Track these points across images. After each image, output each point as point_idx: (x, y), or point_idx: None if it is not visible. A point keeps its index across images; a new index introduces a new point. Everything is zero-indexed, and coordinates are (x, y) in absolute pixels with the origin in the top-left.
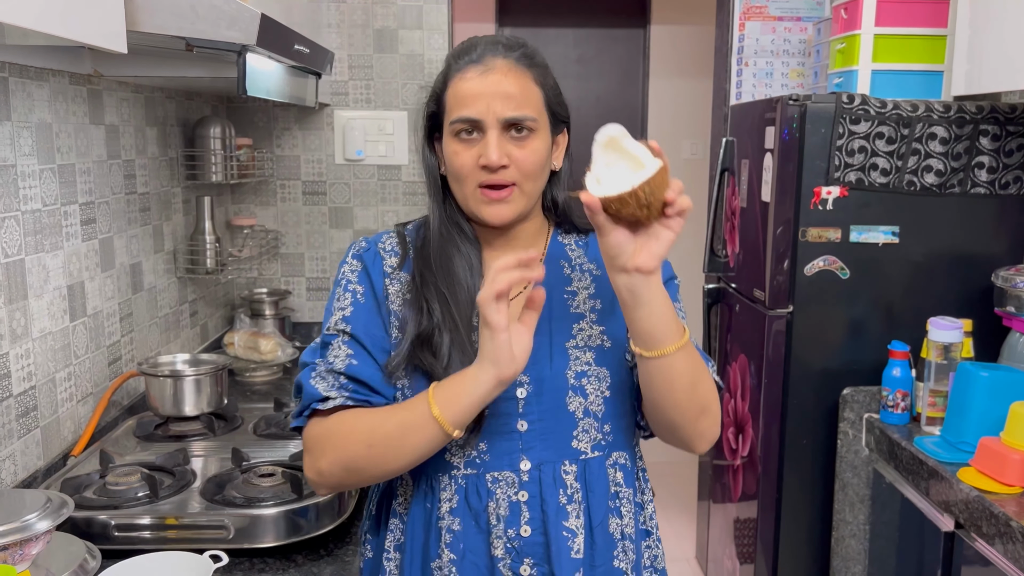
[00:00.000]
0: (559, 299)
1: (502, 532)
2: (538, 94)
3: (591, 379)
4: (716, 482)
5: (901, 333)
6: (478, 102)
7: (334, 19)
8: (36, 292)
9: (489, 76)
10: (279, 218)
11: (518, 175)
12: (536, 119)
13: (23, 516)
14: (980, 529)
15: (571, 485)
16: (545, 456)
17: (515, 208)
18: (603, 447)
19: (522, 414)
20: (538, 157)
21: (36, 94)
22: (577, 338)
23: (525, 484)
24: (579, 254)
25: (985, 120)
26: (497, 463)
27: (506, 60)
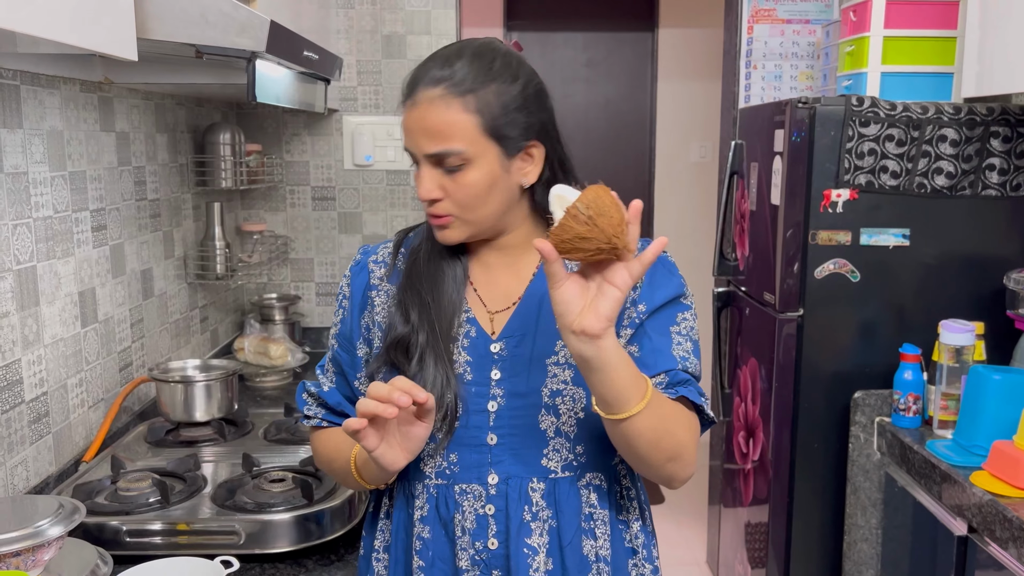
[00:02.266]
0: (546, 311)
1: (468, 544)
2: (469, 122)
3: (565, 399)
4: (727, 486)
5: (912, 336)
6: (408, 136)
7: (343, 25)
8: (48, 299)
9: (414, 111)
10: (289, 223)
11: (453, 207)
12: (464, 151)
13: (35, 522)
14: (993, 533)
15: (537, 503)
16: (513, 471)
17: (461, 234)
18: (575, 467)
19: (492, 427)
20: (473, 189)
21: (47, 102)
22: (559, 354)
23: (492, 498)
24: None
25: (996, 122)
26: (465, 475)
27: (431, 91)
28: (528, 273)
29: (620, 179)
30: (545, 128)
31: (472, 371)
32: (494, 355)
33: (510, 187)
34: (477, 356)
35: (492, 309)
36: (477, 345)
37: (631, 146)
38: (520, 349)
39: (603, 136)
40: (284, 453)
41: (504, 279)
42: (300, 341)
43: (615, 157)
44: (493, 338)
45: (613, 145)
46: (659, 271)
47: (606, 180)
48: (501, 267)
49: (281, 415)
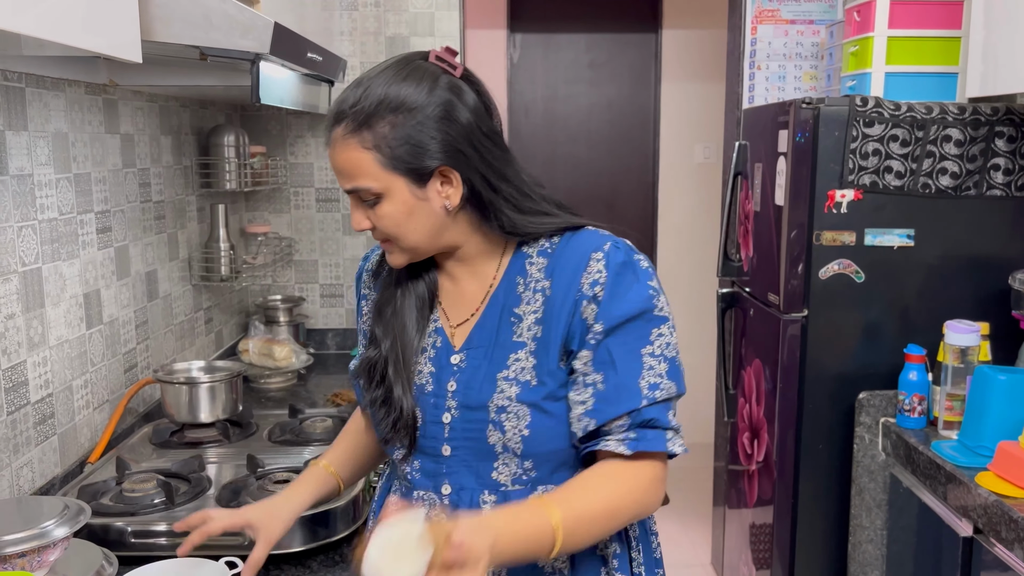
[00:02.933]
0: (505, 323)
1: None
2: (368, 159)
3: (510, 416)
4: (731, 487)
5: (917, 337)
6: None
7: (346, 27)
8: (53, 300)
9: (329, 149)
10: (293, 225)
11: (389, 236)
12: (371, 187)
13: (41, 523)
14: (999, 534)
15: None
16: (465, 483)
17: (402, 258)
18: (525, 482)
19: (447, 439)
20: (390, 220)
21: (52, 104)
22: (511, 369)
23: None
24: (540, 266)
25: (1001, 122)
26: (423, 482)
27: (336, 130)
28: (489, 277)
29: (624, 180)
30: (456, 148)
31: (432, 382)
32: (453, 367)
33: (432, 212)
34: (439, 367)
35: (456, 320)
36: (440, 356)
37: (635, 147)
38: (477, 362)
39: (607, 137)
40: (288, 454)
41: (469, 287)
42: (304, 343)
43: (619, 158)
44: (455, 349)
45: (617, 146)
46: (624, 279)
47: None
48: (465, 276)
49: (285, 416)
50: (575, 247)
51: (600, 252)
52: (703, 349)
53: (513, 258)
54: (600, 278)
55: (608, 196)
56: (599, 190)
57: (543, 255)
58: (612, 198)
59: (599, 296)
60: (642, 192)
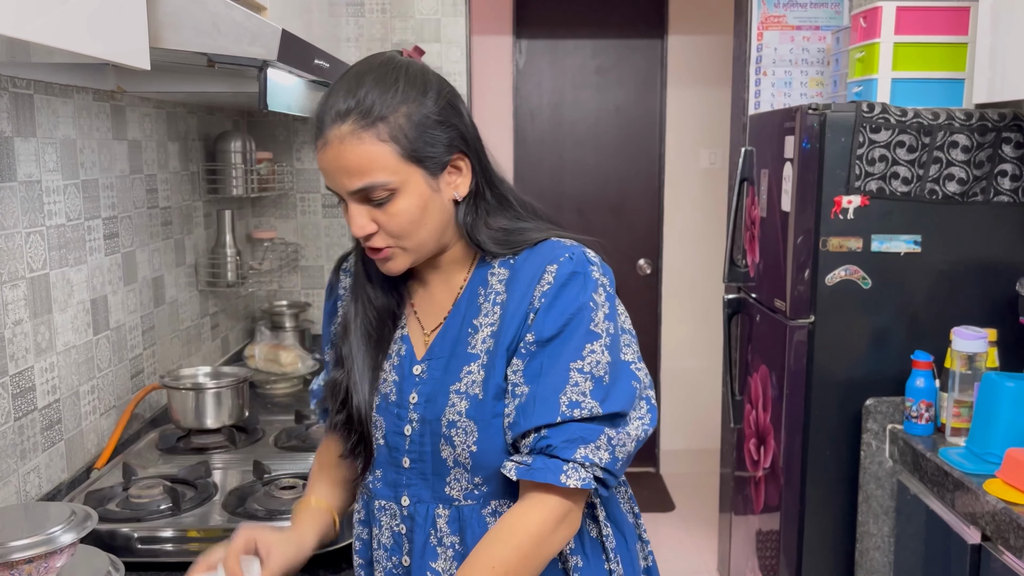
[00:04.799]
0: (463, 335)
1: (383, 557)
2: (386, 151)
3: (459, 431)
4: (738, 494)
5: (924, 343)
6: (327, 176)
7: (353, 33)
8: (60, 306)
9: (328, 151)
10: (299, 231)
11: (388, 239)
12: (388, 181)
13: (48, 529)
14: (1007, 541)
15: (442, 528)
16: (422, 495)
17: (403, 262)
18: (477, 496)
19: (407, 451)
20: (405, 217)
21: (61, 110)
22: (463, 382)
23: (404, 518)
24: (500, 277)
25: (1008, 128)
26: (384, 492)
27: (340, 129)
28: (457, 286)
29: (630, 185)
30: (464, 137)
31: (396, 392)
32: (415, 377)
33: (443, 205)
34: (402, 376)
35: (427, 328)
36: (404, 365)
37: (641, 152)
38: (436, 374)
39: (613, 143)
40: (295, 460)
41: (439, 295)
42: (310, 348)
43: (625, 163)
44: (418, 359)
45: (623, 151)
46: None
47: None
48: (437, 283)
49: (292, 422)
50: (535, 259)
51: (555, 264)
52: (709, 355)
53: (477, 268)
54: (549, 289)
55: (615, 201)
56: (606, 195)
57: (504, 266)
58: (619, 203)
59: (543, 304)
60: (648, 197)
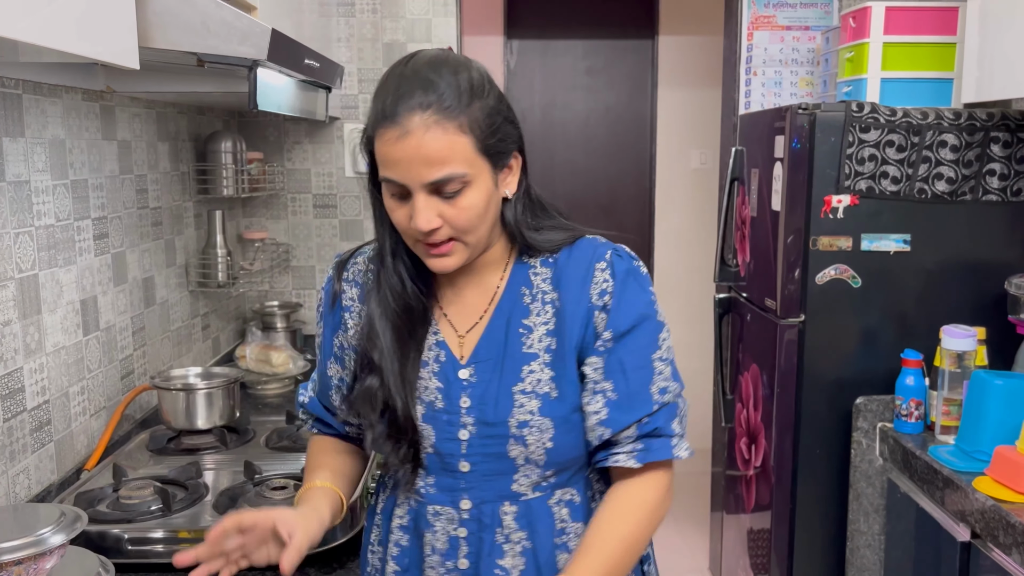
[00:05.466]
0: (514, 335)
1: (437, 563)
2: (466, 143)
3: (533, 430)
4: (729, 493)
5: (914, 342)
6: (399, 167)
7: (344, 33)
8: (50, 307)
9: (409, 140)
10: (290, 231)
11: (455, 232)
12: (466, 172)
13: (37, 530)
14: (997, 539)
15: (508, 525)
16: (485, 496)
17: (459, 259)
18: (545, 488)
19: (465, 455)
20: (474, 211)
21: (50, 110)
22: (525, 381)
23: (465, 521)
24: (544, 276)
25: (996, 127)
26: (439, 498)
27: (423, 116)
28: (492, 287)
29: (621, 186)
30: (520, 135)
31: (443, 399)
32: (463, 381)
33: (497, 202)
34: (447, 383)
35: (461, 331)
36: (447, 371)
37: (632, 153)
38: (488, 376)
39: (604, 143)
40: (286, 461)
41: (471, 296)
42: (302, 349)
43: (616, 164)
44: (462, 363)
45: (614, 152)
46: (630, 286)
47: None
48: (469, 285)
49: (283, 423)
50: (578, 258)
51: (603, 262)
52: (700, 354)
53: (515, 268)
54: (607, 287)
55: (606, 202)
56: (596, 196)
57: (546, 265)
58: (610, 204)
59: (608, 305)
60: (639, 198)
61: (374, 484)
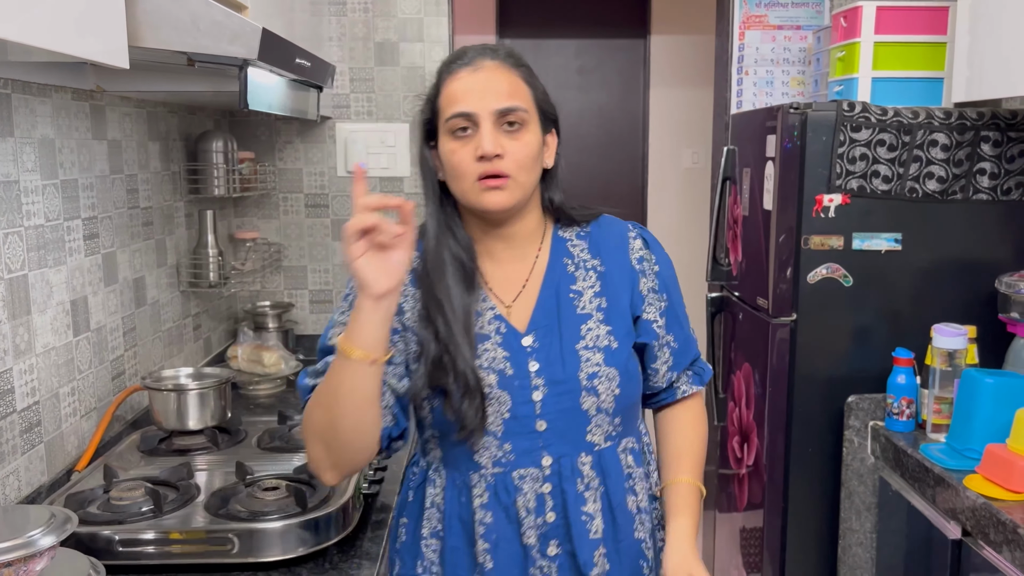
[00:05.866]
0: (565, 299)
1: (532, 522)
2: (527, 91)
3: (602, 379)
4: (722, 491)
5: (905, 340)
6: (470, 97)
7: (335, 32)
8: (39, 307)
9: (479, 73)
10: (282, 231)
11: (512, 166)
12: (527, 111)
13: (27, 532)
14: (987, 536)
15: (587, 474)
16: (563, 451)
17: (512, 196)
18: (614, 437)
19: (539, 415)
20: (530, 149)
21: (39, 110)
22: (586, 339)
23: (548, 477)
24: (581, 248)
25: (986, 126)
26: (522, 461)
27: (494, 60)
28: (531, 257)
29: (613, 185)
30: (557, 123)
31: (512, 366)
32: (527, 348)
33: (541, 159)
34: (512, 351)
35: (508, 301)
36: (509, 340)
37: (624, 152)
38: (549, 339)
39: (596, 142)
40: (278, 461)
41: (511, 268)
42: (294, 349)
43: (608, 163)
44: (522, 332)
45: (606, 151)
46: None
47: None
48: (510, 259)
49: (275, 423)
50: (607, 230)
51: (632, 231)
52: None
53: (553, 242)
54: (644, 255)
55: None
56: (589, 195)
57: (581, 238)
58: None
59: (648, 266)
60: (631, 197)
61: (365, 484)
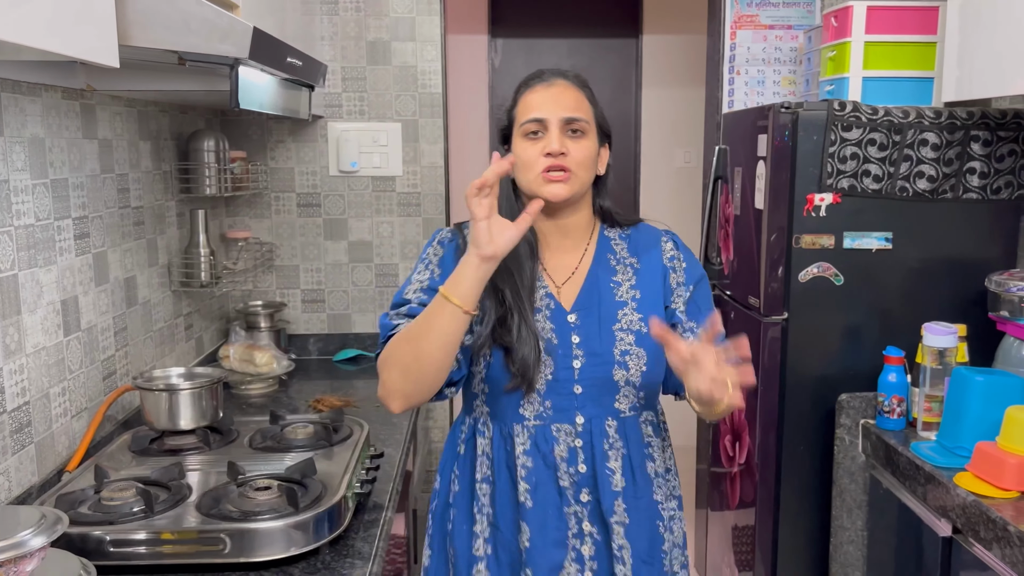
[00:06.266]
0: (606, 288)
1: (565, 469)
2: (589, 107)
3: (632, 357)
4: (714, 490)
5: (896, 339)
6: (543, 106)
7: (327, 31)
8: (30, 307)
9: (552, 88)
10: (274, 230)
11: (573, 163)
12: (588, 121)
13: (17, 533)
14: (977, 534)
15: (612, 436)
16: (594, 413)
17: (570, 188)
18: (637, 408)
19: (577, 380)
20: (589, 152)
21: (29, 109)
22: (621, 322)
23: (580, 433)
24: (623, 247)
25: (976, 126)
26: (559, 417)
27: (565, 80)
28: (581, 248)
29: None
30: (611, 139)
31: (557, 337)
32: (571, 324)
33: (596, 166)
34: (558, 325)
35: (559, 282)
36: (557, 316)
37: (616, 151)
38: (590, 318)
39: None
40: (270, 461)
41: (565, 255)
42: (286, 348)
43: None
44: (568, 310)
45: None
46: (688, 253)
47: None
48: (565, 247)
49: (267, 423)
50: (644, 235)
51: (664, 236)
52: None
53: (600, 240)
54: (674, 255)
55: None
56: None
57: (622, 239)
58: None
59: (679, 267)
60: (623, 196)
61: (357, 484)
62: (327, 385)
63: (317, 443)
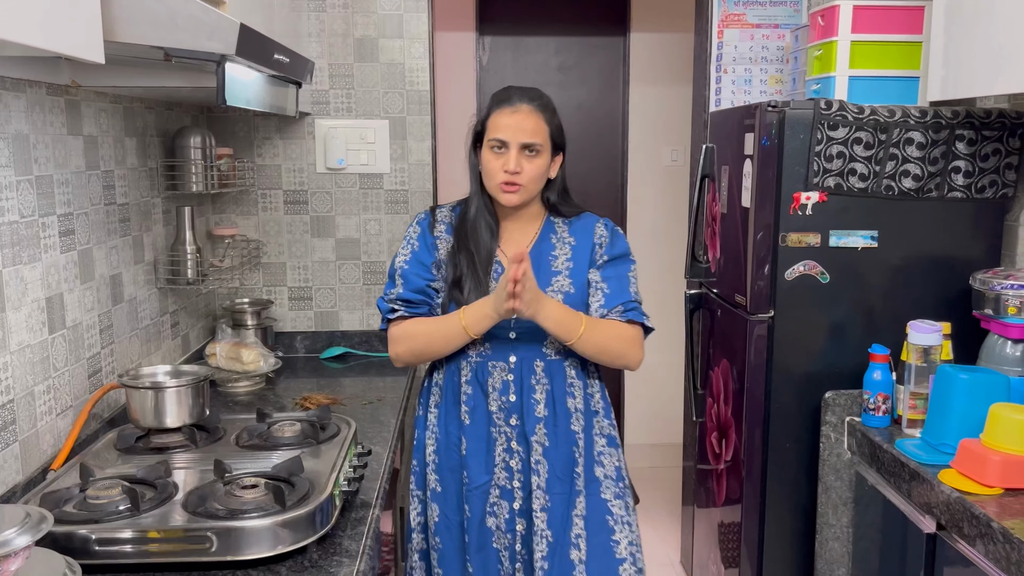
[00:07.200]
0: (545, 260)
1: (497, 397)
2: (545, 129)
3: None
4: (700, 487)
5: (881, 336)
6: (507, 130)
7: (314, 28)
8: (14, 305)
9: (516, 115)
10: (260, 227)
11: (525, 179)
12: (542, 144)
13: (2, 531)
14: (961, 530)
15: (538, 374)
16: (525, 355)
17: (520, 198)
18: (562, 353)
19: (513, 327)
20: (540, 169)
21: (13, 105)
22: (554, 286)
23: (512, 369)
24: (564, 230)
25: (961, 125)
26: (496, 355)
27: (529, 106)
28: (531, 233)
29: (593, 182)
30: (564, 147)
31: None
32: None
33: (545, 176)
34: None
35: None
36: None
37: (604, 150)
38: None
39: (576, 140)
40: (256, 459)
41: (518, 237)
42: (273, 346)
43: (588, 161)
44: None
45: (586, 149)
46: (615, 236)
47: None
48: (518, 231)
49: (253, 421)
50: (584, 221)
51: (600, 223)
52: (671, 350)
53: (545, 225)
54: (603, 234)
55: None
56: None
57: (564, 225)
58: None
59: (604, 244)
60: (611, 194)
61: (345, 482)
62: (314, 383)
63: (304, 441)
